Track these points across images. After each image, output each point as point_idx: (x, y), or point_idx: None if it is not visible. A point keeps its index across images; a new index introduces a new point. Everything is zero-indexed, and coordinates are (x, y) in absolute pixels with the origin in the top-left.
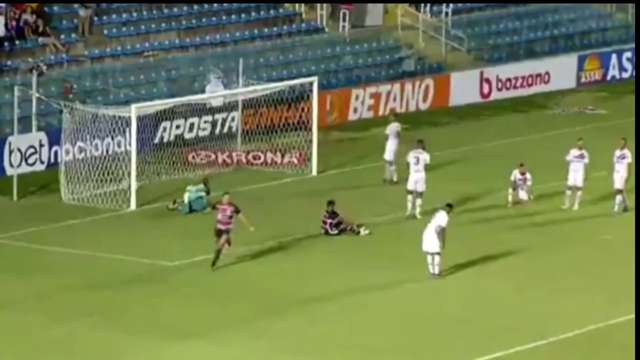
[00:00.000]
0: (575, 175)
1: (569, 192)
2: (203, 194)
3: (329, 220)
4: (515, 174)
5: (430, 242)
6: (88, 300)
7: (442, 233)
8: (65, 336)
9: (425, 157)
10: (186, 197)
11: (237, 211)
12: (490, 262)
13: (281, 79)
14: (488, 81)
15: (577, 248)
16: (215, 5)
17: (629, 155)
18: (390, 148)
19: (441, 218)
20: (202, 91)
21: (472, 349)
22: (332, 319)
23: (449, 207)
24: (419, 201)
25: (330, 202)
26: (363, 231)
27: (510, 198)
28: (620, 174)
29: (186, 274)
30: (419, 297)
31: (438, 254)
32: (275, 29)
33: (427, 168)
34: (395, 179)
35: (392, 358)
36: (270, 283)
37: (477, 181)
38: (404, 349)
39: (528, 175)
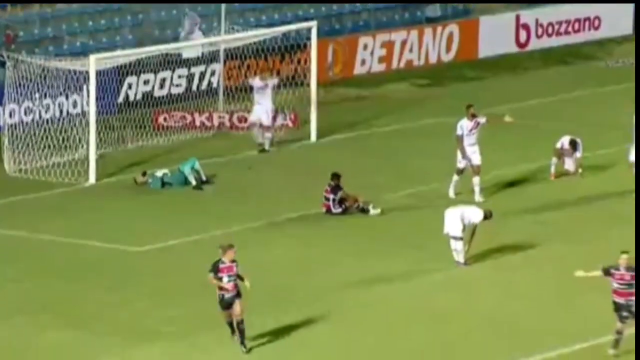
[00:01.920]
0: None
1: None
2: (195, 172)
3: (331, 196)
4: (563, 142)
5: (452, 224)
6: (37, 293)
7: (473, 230)
8: (8, 337)
9: (482, 121)
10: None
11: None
12: (527, 248)
13: (272, 25)
14: (525, 27)
15: (629, 231)
16: None
17: None
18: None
19: (476, 214)
20: (176, 40)
21: (506, 352)
22: (336, 317)
23: (490, 215)
24: (476, 179)
25: (335, 175)
26: (373, 210)
27: (553, 169)
28: None
29: (157, 262)
30: (441, 291)
31: (460, 239)
32: None
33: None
34: (267, 147)
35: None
36: (259, 274)
37: (514, 148)
38: (424, 353)
39: (578, 143)
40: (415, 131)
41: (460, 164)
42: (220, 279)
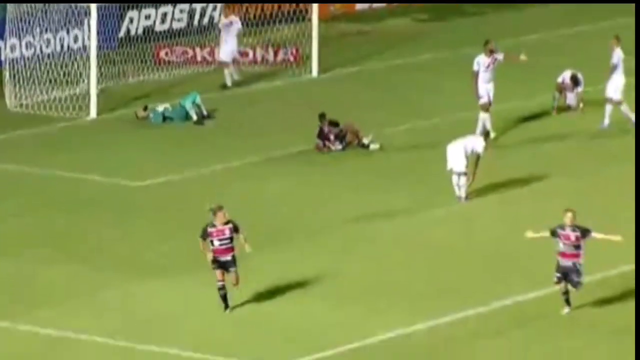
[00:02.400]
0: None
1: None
2: (196, 107)
3: (329, 130)
4: (564, 77)
5: (455, 159)
6: (38, 228)
7: (476, 161)
8: (10, 271)
9: (500, 57)
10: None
11: (236, 229)
12: (528, 182)
13: None
14: None
15: (629, 167)
16: None
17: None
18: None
19: (477, 143)
20: None
21: (508, 287)
22: (338, 251)
23: (487, 135)
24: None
25: (322, 116)
26: (372, 145)
27: (555, 104)
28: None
29: (158, 197)
30: (443, 226)
31: (464, 174)
32: None
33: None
34: (228, 83)
35: (412, 299)
36: (261, 209)
37: (515, 83)
38: (426, 289)
39: (579, 78)
40: (416, 66)
41: (482, 100)
42: (212, 243)
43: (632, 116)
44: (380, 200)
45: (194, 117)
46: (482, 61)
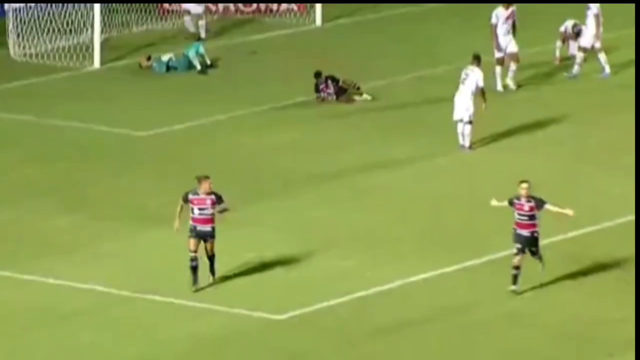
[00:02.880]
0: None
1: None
2: (200, 57)
3: (325, 86)
4: (567, 26)
5: (462, 108)
6: (42, 177)
7: (482, 94)
8: (14, 221)
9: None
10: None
11: (218, 201)
12: (532, 131)
13: None
14: None
15: (629, 117)
16: None
17: (593, 6)
18: None
19: (476, 76)
20: None
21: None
22: (341, 201)
23: (477, 59)
24: (513, 66)
25: (318, 74)
26: (365, 96)
27: (558, 53)
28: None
29: (161, 147)
30: (446, 176)
31: (470, 122)
32: None
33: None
34: (203, 35)
35: (415, 249)
36: (264, 159)
37: (518, 31)
38: (429, 239)
39: (581, 28)
40: (421, 15)
41: (498, 54)
42: (192, 210)
43: (607, 67)
44: (384, 149)
45: (198, 67)
46: (500, 13)
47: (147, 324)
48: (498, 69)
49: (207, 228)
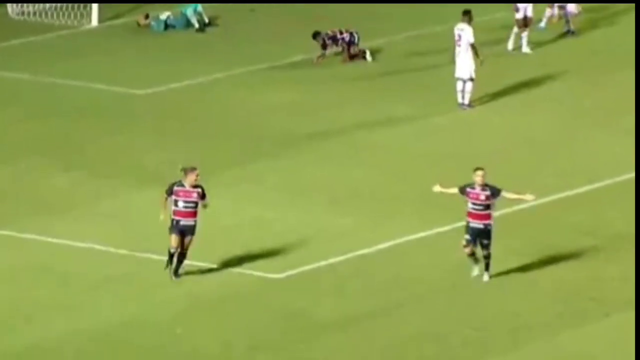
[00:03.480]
0: None
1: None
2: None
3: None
4: None
5: (462, 66)
6: (40, 136)
7: (473, 50)
8: (11, 179)
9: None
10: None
11: (202, 196)
12: (531, 91)
13: None
14: None
15: (629, 75)
16: None
17: None
18: None
19: (466, 33)
20: None
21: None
22: (340, 160)
23: (467, 15)
24: (527, 31)
25: (316, 34)
26: (368, 56)
27: (556, 11)
28: None
29: (159, 105)
30: (445, 134)
31: (471, 80)
32: None
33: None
34: None
35: (414, 208)
36: (263, 117)
37: None
38: (428, 197)
39: None
40: None
41: (519, 14)
42: (175, 203)
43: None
44: (383, 108)
45: (196, 25)
46: None
47: (145, 282)
48: (515, 29)
49: (190, 222)
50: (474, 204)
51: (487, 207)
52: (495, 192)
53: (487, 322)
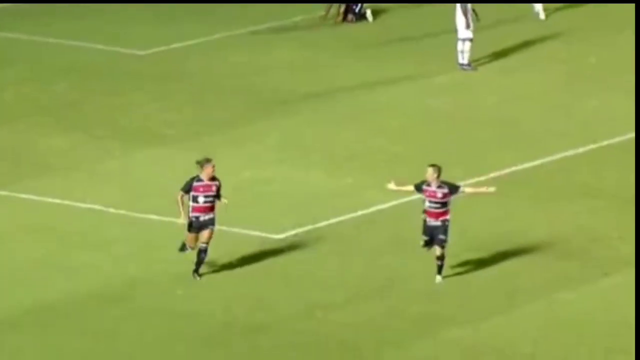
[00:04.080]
0: None
1: None
2: None
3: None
4: None
5: (462, 26)
6: (40, 96)
7: (472, 11)
8: (10, 140)
9: None
10: None
11: (219, 191)
12: (531, 51)
13: None
14: None
15: (629, 36)
16: None
17: None
18: None
19: None
20: None
21: (510, 155)
22: (340, 120)
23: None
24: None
25: None
26: (369, 16)
27: None
28: None
29: (159, 66)
30: (444, 94)
31: (469, 40)
32: None
33: None
34: None
35: (414, 168)
36: (264, 78)
37: None
38: (428, 157)
39: None
40: None
41: None
42: (195, 199)
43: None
44: (383, 68)
45: None
46: None
47: (145, 243)
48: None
49: (210, 216)
50: (430, 201)
51: (445, 204)
52: (453, 190)
53: (485, 282)
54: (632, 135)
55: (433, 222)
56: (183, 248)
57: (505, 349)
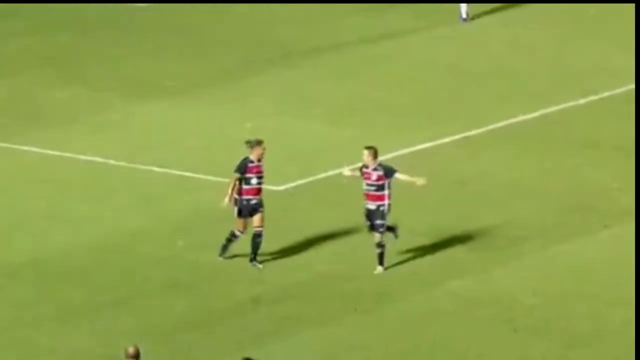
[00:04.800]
0: None
1: None
2: None
3: None
4: None
5: None
6: (41, 48)
7: None
8: (12, 92)
9: None
10: None
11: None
12: (530, 4)
13: None
14: None
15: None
16: None
17: None
18: None
19: None
20: None
21: (510, 107)
22: (341, 71)
23: None
24: None
25: None
26: None
27: None
28: None
29: (161, 18)
30: (447, 45)
31: None
32: None
33: None
34: None
35: (415, 119)
36: (263, 29)
37: None
38: (429, 109)
39: None
40: None
41: None
42: (247, 182)
43: None
44: (385, 20)
45: None
46: None
47: (146, 195)
48: None
49: (259, 197)
50: (366, 184)
51: (381, 187)
52: (388, 173)
53: (488, 233)
54: (632, 86)
55: (370, 205)
56: (231, 239)
57: (505, 301)
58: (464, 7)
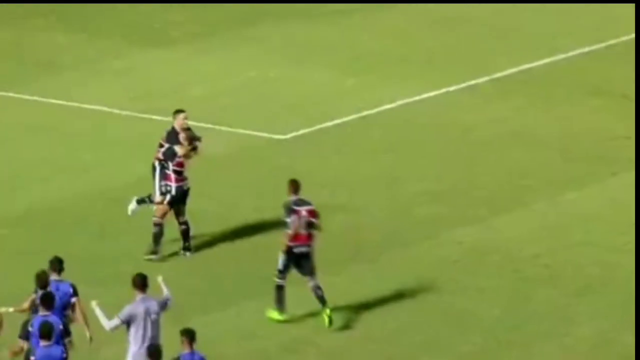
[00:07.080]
0: None
1: None
2: None
3: None
4: None
5: None
6: None
7: None
8: (14, 41)
9: None
10: None
11: None
12: None
13: None
14: None
15: None
16: None
17: None
18: None
19: None
20: None
21: (517, 55)
22: (345, 20)
23: None
24: None
25: None
26: None
27: None
28: None
29: None
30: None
31: None
32: None
33: None
34: None
35: (419, 69)
36: None
37: None
38: (433, 58)
39: None
40: None
41: None
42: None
43: None
44: None
45: None
46: None
47: (150, 144)
48: None
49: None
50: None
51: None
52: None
53: (493, 182)
54: (632, 36)
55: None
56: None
57: (510, 249)
58: None
